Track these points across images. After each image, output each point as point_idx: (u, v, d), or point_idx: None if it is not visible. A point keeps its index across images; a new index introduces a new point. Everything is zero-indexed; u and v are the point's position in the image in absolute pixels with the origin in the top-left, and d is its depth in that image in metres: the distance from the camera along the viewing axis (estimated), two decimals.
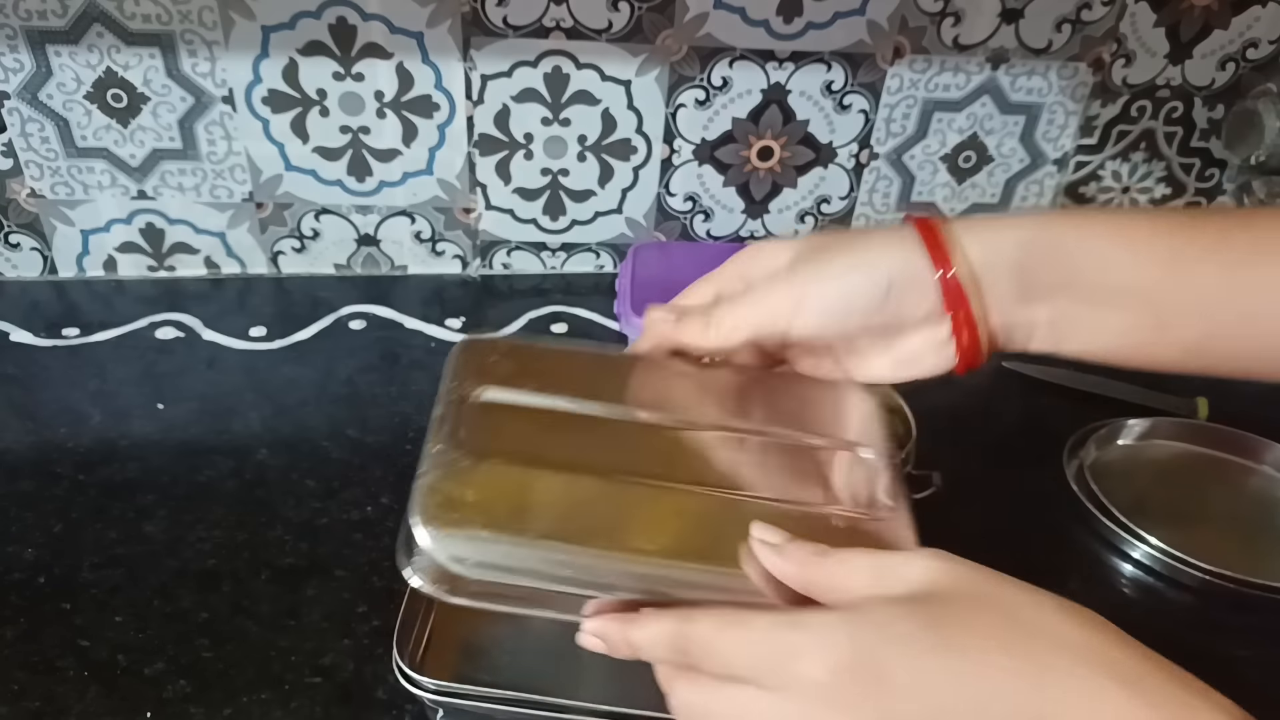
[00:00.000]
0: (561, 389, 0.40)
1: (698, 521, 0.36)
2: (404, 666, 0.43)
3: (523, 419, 0.39)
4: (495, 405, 0.39)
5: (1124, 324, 0.38)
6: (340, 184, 0.76)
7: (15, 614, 0.51)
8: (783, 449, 0.40)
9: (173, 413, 0.65)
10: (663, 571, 0.34)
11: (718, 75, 0.74)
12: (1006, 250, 0.38)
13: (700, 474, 0.38)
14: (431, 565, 0.34)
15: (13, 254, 0.76)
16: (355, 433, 0.64)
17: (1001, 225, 0.39)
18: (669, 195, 0.80)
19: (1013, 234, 0.38)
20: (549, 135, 0.75)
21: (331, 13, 0.67)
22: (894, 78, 0.76)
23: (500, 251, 0.81)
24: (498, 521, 0.34)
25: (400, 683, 0.43)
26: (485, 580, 0.34)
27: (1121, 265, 0.37)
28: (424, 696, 0.42)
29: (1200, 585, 0.54)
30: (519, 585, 0.34)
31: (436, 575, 0.34)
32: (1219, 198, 0.86)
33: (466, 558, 0.34)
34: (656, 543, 0.35)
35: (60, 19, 0.66)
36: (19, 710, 0.46)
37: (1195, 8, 0.75)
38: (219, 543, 0.55)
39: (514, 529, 0.34)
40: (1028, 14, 0.73)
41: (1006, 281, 0.38)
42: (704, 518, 0.36)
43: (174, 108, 0.70)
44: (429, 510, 0.34)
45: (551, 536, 0.34)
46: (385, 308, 0.77)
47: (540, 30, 0.70)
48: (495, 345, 0.43)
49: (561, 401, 0.40)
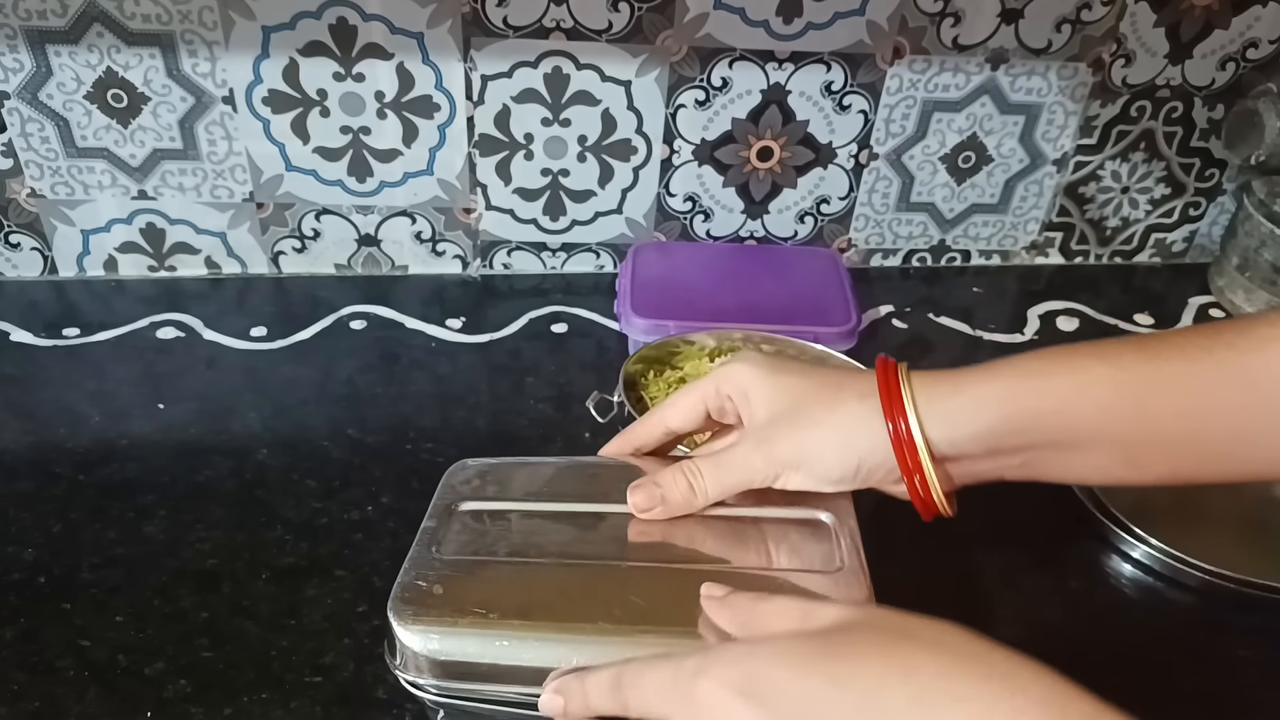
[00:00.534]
0: (529, 495, 0.45)
1: (651, 593, 0.39)
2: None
3: (494, 522, 0.43)
4: (471, 513, 0.44)
5: (1095, 464, 0.41)
6: (341, 184, 0.76)
7: (15, 614, 0.51)
8: (738, 521, 0.43)
9: (173, 413, 0.65)
10: (616, 640, 0.37)
11: (717, 76, 0.74)
12: (971, 426, 0.40)
13: (656, 552, 0.42)
14: (411, 656, 0.38)
15: (13, 254, 0.76)
16: (355, 432, 0.64)
17: (966, 395, 0.41)
18: (669, 195, 0.80)
19: (976, 408, 0.40)
20: (549, 135, 0.75)
21: (332, 13, 0.67)
22: (893, 78, 0.76)
23: (500, 251, 0.81)
24: (463, 611, 0.38)
25: (400, 683, 0.43)
26: (457, 663, 0.38)
27: (1087, 423, 0.40)
28: (424, 697, 0.42)
29: (1201, 585, 0.54)
30: (489, 664, 0.37)
31: (416, 665, 0.38)
32: (1218, 198, 0.87)
33: (439, 649, 0.38)
34: (612, 615, 0.38)
35: (60, 19, 0.66)
36: (19, 711, 0.46)
37: (1195, 8, 0.75)
38: (219, 543, 0.55)
39: (478, 617, 0.38)
40: (1027, 14, 0.73)
41: (972, 450, 0.41)
42: (657, 589, 0.39)
43: (174, 108, 0.70)
44: (401, 607, 0.39)
45: (514, 618, 0.38)
46: (386, 308, 0.77)
47: (540, 31, 0.70)
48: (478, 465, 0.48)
49: (528, 505, 0.44)
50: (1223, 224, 0.88)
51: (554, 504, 0.44)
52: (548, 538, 0.42)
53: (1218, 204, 0.87)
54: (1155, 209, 0.87)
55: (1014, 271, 0.88)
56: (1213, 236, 0.89)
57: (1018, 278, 0.87)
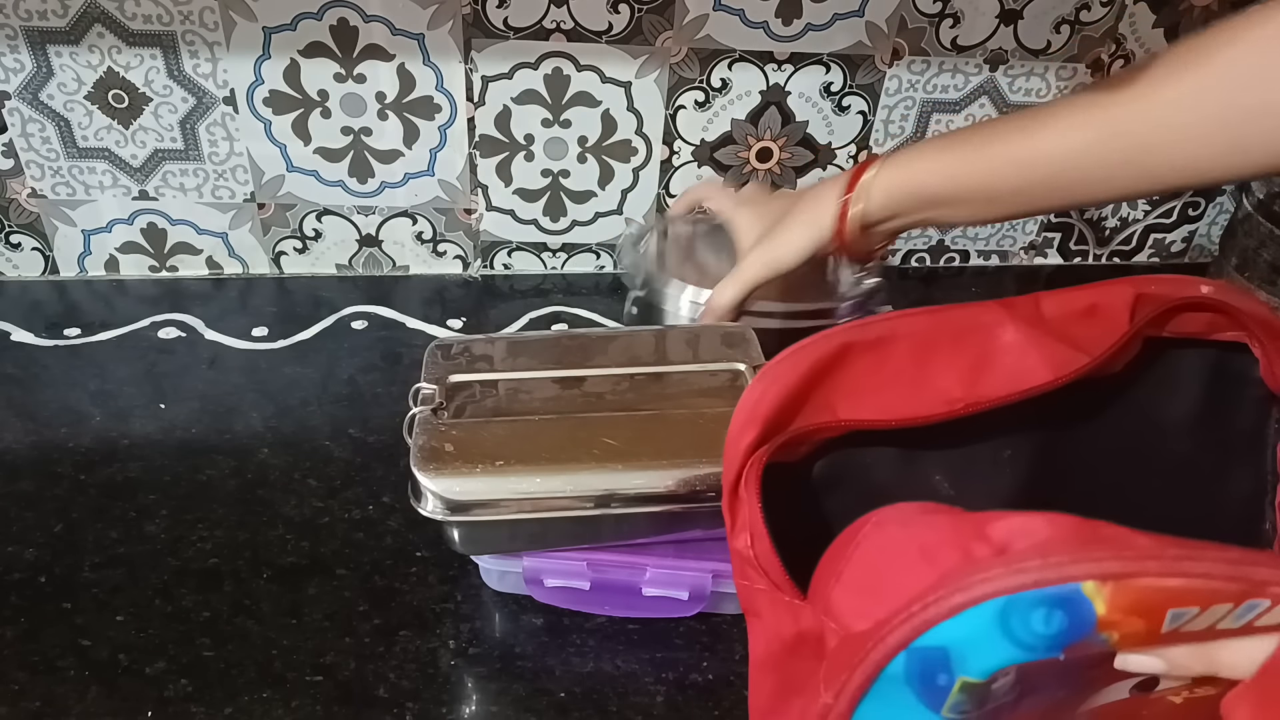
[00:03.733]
0: (509, 366, 0.55)
1: (620, 436, 0.49)
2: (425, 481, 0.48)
3: (484, 390, 0.53)
4: (462, 384, 0.53)
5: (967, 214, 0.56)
6: (342, 185, 0.76)
7: (15, 614, 0.51)
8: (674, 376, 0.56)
9: (174, 412, 0.65)
10: (598, 472, 0.48)
11: (717, 77, 0.74)
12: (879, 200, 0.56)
13: (619, 404, 0.53)
14: (436, 499, 0.47)
15: (14, 254, 0.76)
16: (357, 432, 0.64)
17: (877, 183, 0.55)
18: (669, 196, 0.80)
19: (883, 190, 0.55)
20: (549, 136, 0.75)
21: (333, 14, 0.68)
22: (892, 79, 0.76)
23: (501, 252, 0.82)
24: (474, 461, 0.48)
25: (416, 509, 0.48)
26: (475, 500, 0.48)
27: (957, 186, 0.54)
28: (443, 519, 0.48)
29: None
30: (501, 498, 0.48)
31: (440, 506, 0.48)
32: (1217, 198, 0.87)
33: (461, 490, 0.47)
34: (593, 455, 0.49)
35: (61, 19, 0.66)
36: (19, 710, 0.46)
37: (1195, 8, 0.75)
38: (220, 542, 0.55)
39: (489, 464, 0.48)
40: (1026, 15, 0.74)
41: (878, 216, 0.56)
42: (624, 432, 0.50)
43: (175, 108, 0.71)
44: (424, 464, 0.48)
45: (516, 463, 0.48)
46: (387, 308, 0.77)
47: (541, 32, 0.70)
48: (455, 342, 0.57)
49: (510, 374, 0.54)
50: (1221, 224, 0.88)
51: (530, 372, 0.54)
52: (531, 398, 0.53)
53: (1216, 204, 0.87)
54: (1154, 209, 0.87)
55: (1012, 272, 0.88)
56: (1211, 237, 0.89)
57: (1016, 278, 0.87)
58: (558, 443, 0.49)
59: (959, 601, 0.24)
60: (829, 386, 0.37)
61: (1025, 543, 0.25)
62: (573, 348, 0.57)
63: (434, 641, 0.51)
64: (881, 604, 0.27)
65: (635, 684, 0.49)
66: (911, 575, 0.26)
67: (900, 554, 0.28)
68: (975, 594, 0.24)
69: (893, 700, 0.26)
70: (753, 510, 0.34)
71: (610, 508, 0.48)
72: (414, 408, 0.51)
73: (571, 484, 0.48)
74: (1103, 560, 0.24)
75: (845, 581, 0.29)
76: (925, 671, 0.25)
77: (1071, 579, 0.24)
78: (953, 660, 0.25)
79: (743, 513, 0.35)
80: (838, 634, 0.29)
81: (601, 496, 0.48)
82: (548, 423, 0.51)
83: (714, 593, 0.51)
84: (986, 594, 0.24)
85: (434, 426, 0.50)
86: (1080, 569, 0.24)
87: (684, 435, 0.50)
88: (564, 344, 0.58)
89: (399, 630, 0.51)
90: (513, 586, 0.53)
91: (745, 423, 0.36)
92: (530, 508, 0.48)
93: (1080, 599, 0.24)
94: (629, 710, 0.48)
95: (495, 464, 0.48)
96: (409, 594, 0.53)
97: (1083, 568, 0.24)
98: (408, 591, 0.53)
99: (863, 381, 0.38)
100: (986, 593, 0.24)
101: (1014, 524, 0.25)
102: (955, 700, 0.25)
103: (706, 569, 0.51)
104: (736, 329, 0.59)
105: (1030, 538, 0.25)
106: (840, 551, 0.30)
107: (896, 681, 0.25)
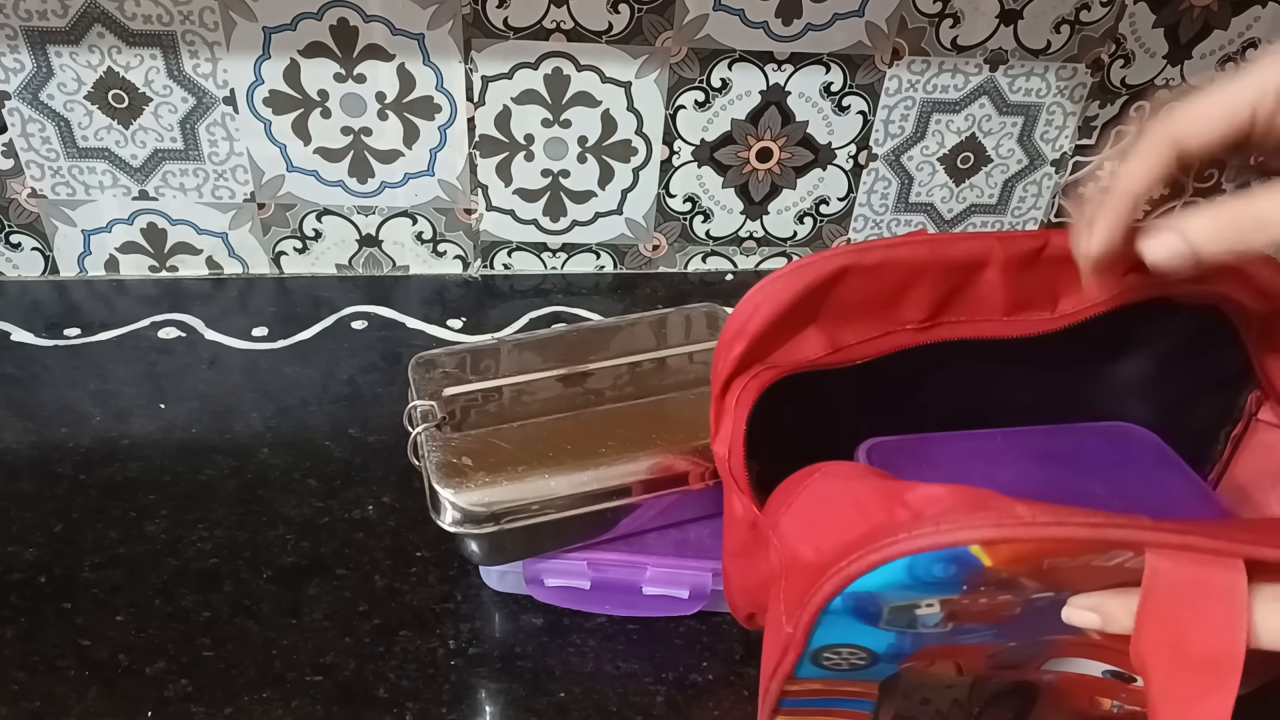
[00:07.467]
0: (506, 372, 0.55)
1: (630, 426, 0.50)
2: (451, 497, 0.47)
3: (486, 398, 0.53)
4: (461, 395, 0.53)
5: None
6: (342, 185, 0.76)
7: (15, 614, 0.51)
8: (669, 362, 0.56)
9: (174, 412, 0.65)
10: (616, 463, 0.48)
11: (717, 77, 0.74)
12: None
13: (621, 395, 0.53)
14: (462, 513, 0.47)
15: (14, 254, 0.76)
16: (357, 432, 0.64)
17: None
18: (669, 196, 0.80)
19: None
20: (549, 136, 0.75)
21: (333, 14, 0.68)
22: (892, 79, 0.76)
23: (501, 252, 0.82)
24: (495, 470, 0.48)
25: (439, 524, 0.48)
26: (495, 510, 0.47)
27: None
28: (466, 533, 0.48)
29: None
30: (527, 502, 0.47)
31: (462, 520, 0.47)
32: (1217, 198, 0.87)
33: (488, 501, 0.47)
34: (609, 448, 0.49)
35: (61, 19, 0.66)
36: (19, 710, 0.46)
37: (1195, 8, 0.75)
38: (220, 542, 0.55)
39: (510, 470, 0.48)
40: (1026, 15, 0.74)
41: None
42: (632, 422, 0.51)
43: (175, 108, 0.71)
44: (446, 483, 0.47)
45: (536, 465, 0.48)
46: (387, 308, 0.77)
47: (541, 32, 0.70)
48: (441, 355, 0.57)
49: (509, 380, 0.54)
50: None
51: (528, 374, 0.54)
52: (534, 400, 0.53)
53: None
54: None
55: None
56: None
57: None
58: (573, 439, 0.49)
59: (874, 559, 0.31)
60: (824, 306, 0.40)
61: (933, 510, 0.31)
62: (566, 344, 0.57)
63: (434, 641, 0.51)
64: (819, 536, 0.34)
65: (635, 684, 0.49)
66: (846, 522, 0.33)
67: (839, 502, 0.34)
68: (887, 553, 0.31)
69: (840, 624, 0.34)
70: (736, 427, 0.39)
71: (635, 495, 0.49)
72: (413, 429, 0.51)
73: (596, 478, 0.48)
74: (984, 528, 0.30)
75: (794, 511, 0.36)
76: (858, 607, 0.33)
77: (961, 543, 0.30)
78: (878, 598, 0.32)
79: (726, 424, 0.39)
80: (779, 550, 0.36)
81: (626, 486, 0.49)
82: (557, 421, 0.51)
83: (714, 591, 0.51)
84: (898, 553, 0.31)
85: (443, 442, 0.49)
86: (967, 534, 0.30)
87: (696, 415, 0.50)
88: (558, 341, 0.58)
89: (399, 630, 0.51)
90: (513, 586, 0.53)
91: (735, 335, 0.39)
92: (562, 506, 0.48)
93: (969, 556, 0.30)
94: (629, 710, 0.48)
95: (517, 469, 0.48)
96: (409, 594, 0.53)
97: (969, 534, 0.30)
98: (408, 591, 0.53)
99: (850, 306, 0.40)
100: (898, 552, 0.31)
101: (926, 493, 0.32)
102: (888, 618, 0.33)
103: (707, 567, 0.51)
104: (723, 310, 0.61)
105: (937, 505, 0.31)
106: (793, 487, 0.37)
107: (840, 613, 0.33)
